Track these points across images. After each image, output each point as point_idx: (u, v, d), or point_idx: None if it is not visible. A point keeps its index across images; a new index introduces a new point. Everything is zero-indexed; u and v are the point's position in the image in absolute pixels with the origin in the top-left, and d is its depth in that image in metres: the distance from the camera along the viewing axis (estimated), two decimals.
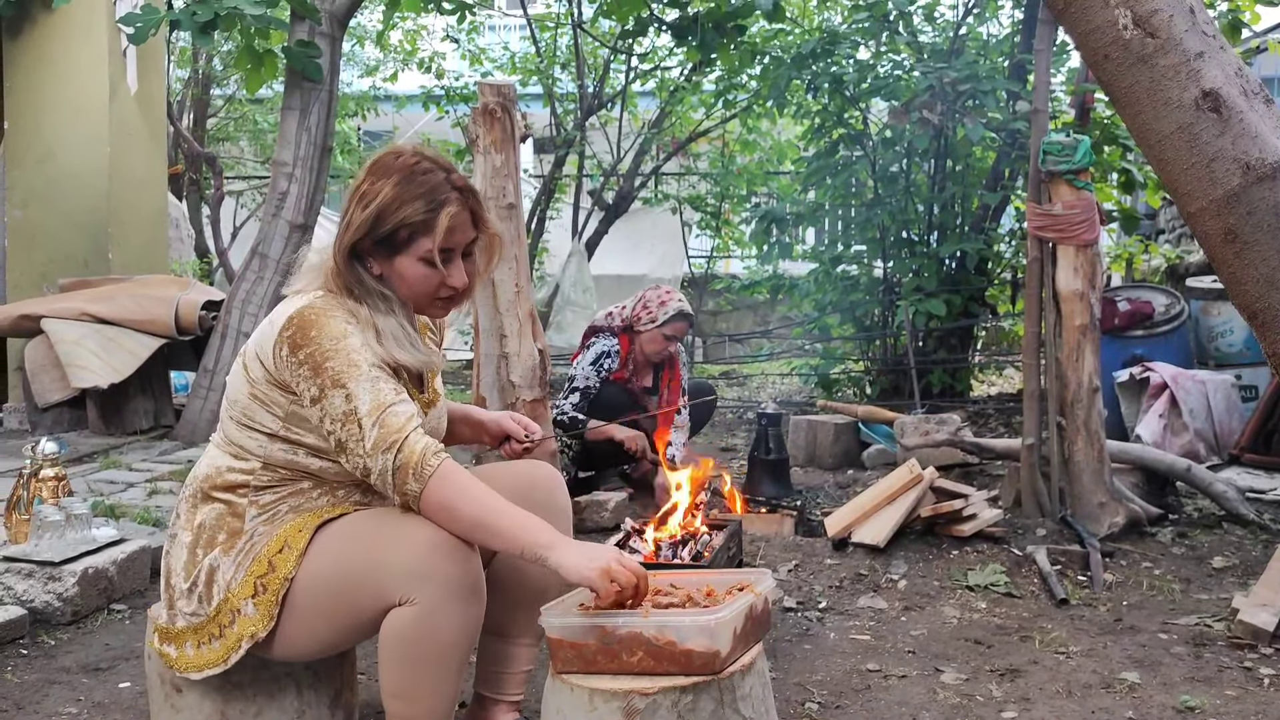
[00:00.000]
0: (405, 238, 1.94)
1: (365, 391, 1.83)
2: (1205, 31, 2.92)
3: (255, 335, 1.97)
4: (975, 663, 2.78)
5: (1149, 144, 3.00)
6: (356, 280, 1.96)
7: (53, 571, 3.02)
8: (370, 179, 1.96)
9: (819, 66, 6.34)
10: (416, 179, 1.94)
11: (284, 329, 1.89)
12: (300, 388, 1.87)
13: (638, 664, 1.84)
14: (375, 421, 1.82)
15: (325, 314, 1.89)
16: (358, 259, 1.97)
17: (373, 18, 11.25)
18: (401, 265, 1.96)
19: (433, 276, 1.97)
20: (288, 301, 1.97)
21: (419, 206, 1.92)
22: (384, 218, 1.92)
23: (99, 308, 5.58)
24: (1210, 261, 3.12)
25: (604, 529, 3.87)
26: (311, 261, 2.02)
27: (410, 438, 1.82)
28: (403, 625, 1.80)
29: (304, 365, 1.85)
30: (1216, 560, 3.59)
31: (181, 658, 1.95)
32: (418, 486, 1.81)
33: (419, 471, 1.81)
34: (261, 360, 1.92)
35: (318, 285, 1.97)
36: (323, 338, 1.86)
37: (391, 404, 1.84)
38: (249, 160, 12.81)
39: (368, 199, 1.93)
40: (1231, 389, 5.04)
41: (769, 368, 9.40)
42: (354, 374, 1.84)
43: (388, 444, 1.81)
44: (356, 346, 1.87)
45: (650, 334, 4.42)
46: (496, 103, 3.75)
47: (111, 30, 6.15)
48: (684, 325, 4.48)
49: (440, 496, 1.81)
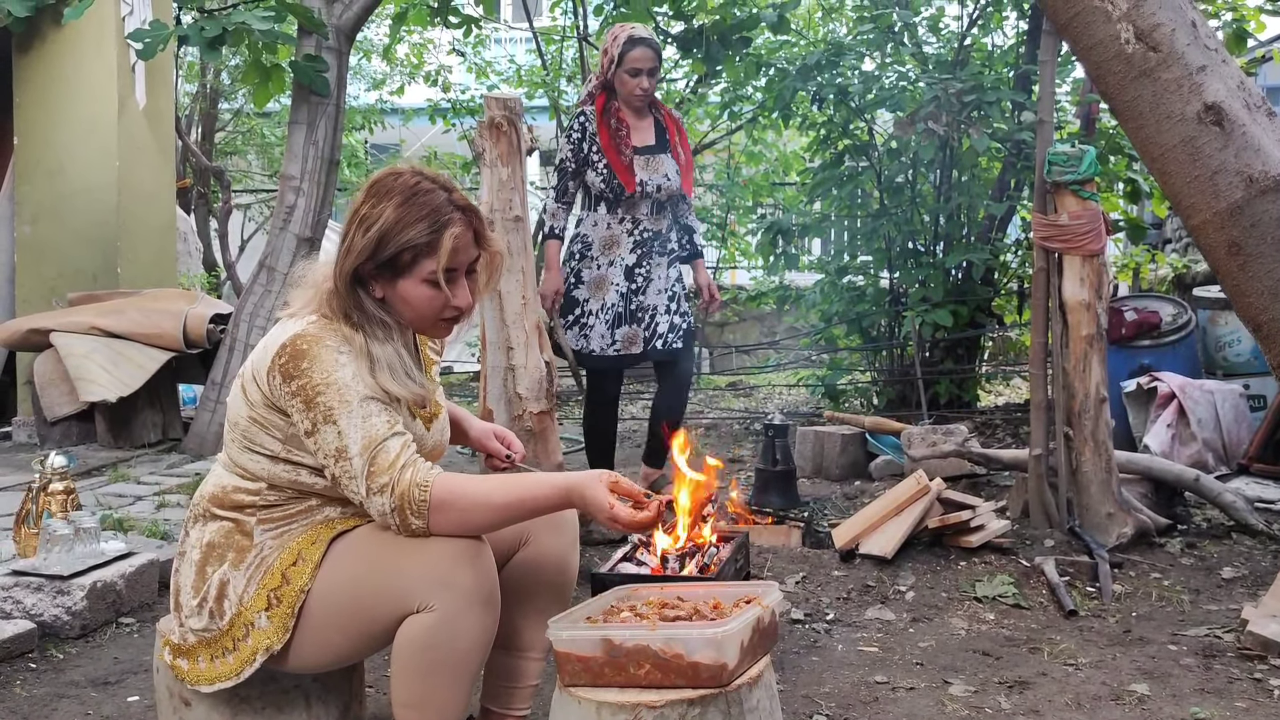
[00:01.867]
0: (409, 260, 1.92)
1: (356, 428, 1.83)
2: (1207, 45, 2.93)
3: (252, 358, 1.96)
4: (984, 674, 2.77)
5: (1152, 157, 3.00)
6: (356, 305, 1.94)
7: (61, 585, 3.03)
8: (371, 201, 1.93)
9: (824, 78, 6.36)
10: (418, 200, 1.92)
11: (277, 355, 1.88)
12: (295, 418, 1.87)
13: (645, 677, 1.85)
14: (366, 460, 1.82)
15: (318, 343, 1.88)
16: (359, 283, 1.95)
17: (379, 32, 11.31)
18: (405, 288, 1.94)
19: (437, 298, 1.95)
20: (282, 325, 1.96)
21: (422, 228, 1.90)
22: (387, 241, 1.90)
23: (108, 321, 5.61)
24: (1215, 274, 3.12)
25: (610, 540, 3.87)
26: (310, 280, 2.01)
27: (401, 475, 1.82)
28: (420, 632, 1.81)
29: (296, 397, 1.85)
30: (1226, 571, 3.58)
31: (194, 671, 1.96)
32: (421, 523, 1.82)
33: (416, 509, 1.81)
34: (258, 384, 1.91)
35: (312, 308, 1.95)
36: (314, 370, 1.85)
37: (383, 439, 1.84)
38: (256, 174, 12.86)
39: (369, 222, 1.91)
40: (1240, 399, 5.02)
41: (776, 379, 9.40)
42: (344, 410, 1.83)
43: (379, 486, 1.82)
44: (348, 380, 1.86)
45: (618, 77, 4.07)
46: (503, 116, 3.77)
47: (121, 46, 6.20)
48: (645, 51, 4.04)
49: (446, 522, 1.83)
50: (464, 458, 5.74)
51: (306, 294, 1.99)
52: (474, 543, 1.85)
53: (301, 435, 1.88)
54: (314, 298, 1.97)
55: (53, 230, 6.26)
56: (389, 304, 1.98)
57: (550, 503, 1.91)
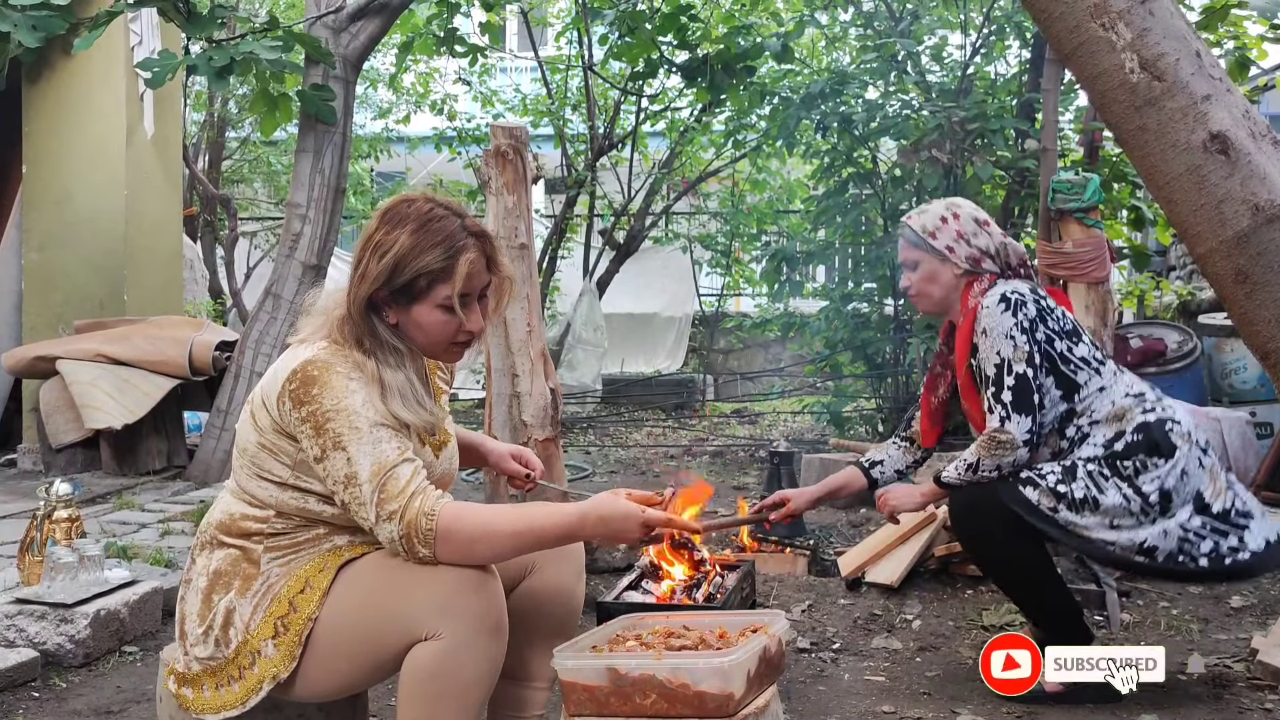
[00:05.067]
0: (424, 286, 1.93)
1: (366, 455, 1.83)
2: (1212, 74, 2.94)
3: (262, 384, 1.96)
4: (991, 704, 2.75)
5: (1157, 185, 3.01)
6: (370, 332, 1.95)
7: (65, 613, 3.02)
8: (385, 228, 1.95)
9: (828, 106, 6.40)
10: (432, 226, 1.94)
11: (288, 381, 1.88)
12: (304, 444, 1.87)
13: (651, 707, 1.84)
14: (375, 487, 1.81)
15: (328, 369, 1.88)
16: (373, 309, 1.96)
17: (386, 61, 11.39)
18: (419, 313, 1.96)
19: (450, 323, 1.97)
20: (292, 352, 1.96)
21: (437, 254, 1.92)
22: (402, 267, 1.92)
23: (113, 349, 5.62)
24: (1222, 301, 3.12)
25: (615, 569, 3.86)
26: (319, 307, 2.01)
27: (410, 503, 1.82)
28: (427, 660, 1.80)
29: (306, 423, 1.85)
30: (1235, 599, 3.56)
31: (199, 699, 1.94)
32: (427, 551, 1.81)
33: (423, 538, 1.81)
34: (268, 409, 1.92)
35: (323, 335, 1.96)
36: (324, 396, 1.85)
37: (393, 466, 1.83)
38: (263, 202, 12.92)
39: (383, 249, 1.93)
40: (1246, 426, 5.01)
41: (781, 406, 9.39)
42: (355, 437, 1.83)
43: (388, 513, 1.81)
44: (358, 406, 1.86)
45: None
46: (509, 144, 3.79)
47: (129, 75, 6.25)
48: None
49: (453, 551, 1.82)
50: (468, 485, 5.73)
51: (316, 321, 2.00)
52: (482, 571, 1.84)
53: (311, 461, 1.87)
54: (324, 324, 1.98)
55: (60, 258, 6.29)
56: (402, 330, 1.99)
57: (563, 530, 1.89)
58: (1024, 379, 2.63)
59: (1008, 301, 2.68)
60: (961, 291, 2.83)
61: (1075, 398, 2.70)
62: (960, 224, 2.82)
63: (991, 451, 2.63)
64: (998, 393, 2.65)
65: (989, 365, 2.68)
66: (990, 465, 2.64)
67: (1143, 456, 2.61)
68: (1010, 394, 2.63)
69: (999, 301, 2.69)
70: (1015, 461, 2.63)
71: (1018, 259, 2.85)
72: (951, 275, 2.82)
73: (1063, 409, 2.70)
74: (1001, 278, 2.81)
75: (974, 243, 2.81)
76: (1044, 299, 2.75)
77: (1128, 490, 2.59)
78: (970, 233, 2.81)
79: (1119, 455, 2.63)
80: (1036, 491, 2.61)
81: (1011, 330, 2.65)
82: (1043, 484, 2.62)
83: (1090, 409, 2.69)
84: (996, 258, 2.82)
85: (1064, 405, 2.70)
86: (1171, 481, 2.60)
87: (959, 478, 2.70)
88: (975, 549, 2.88)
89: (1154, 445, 2.63)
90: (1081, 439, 2.68)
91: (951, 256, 2.80)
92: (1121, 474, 2.61)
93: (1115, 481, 2.60)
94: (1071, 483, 2.61)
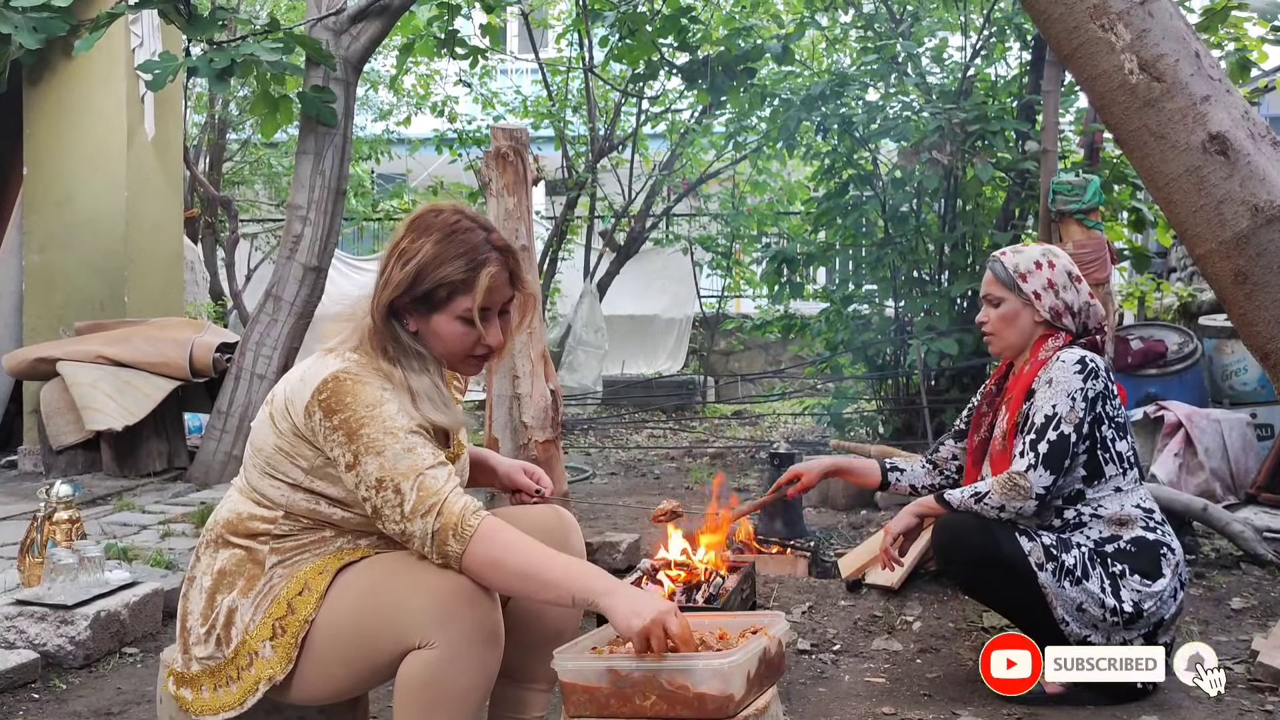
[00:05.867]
0: (445, 296, 1.95)
1: (401, 458, 1.84)
2: (1211, 75, 2.95)
3: (285, 387, 1.97)
4: (992, 706, 2.75)
5: (1157, 186, 3.01)
6: (393, 338, 1.96)
7: (65, 615, 3.02)
8: (410, 236, 1.96)
9: (828, 108, 6.39)
10: (457, 238, 1.95)
11: (318, 391, 1.88)
12: (334, 453, 1.87)
13: (651, 708, 1.83)
14: (413, 485, 1.82)
15: (359, 381, 1.89)
16: (395, 316, 1.97)
17: (386, 63, 11.40)
18: (438, 323, 1.97)
19: (469, 335, 1.97)
20: (321, 360, 1.96)
21: (459, 265, 1.93)
22: (424, 276, 1.93)
23: (114, 350, 5.62)
24: (1221, 303, 3.12)
25: (616, 570, 3.85)
26: (349, 315, 2.02)
27: (449, 500, 1.83)
28: (421, 669, 1.80)
29: (338, 430, 1.86)
30: (1235, 601, 3.56)
31: (197, 701, 1.94)
32: (459, 547, 1.81)
33: (459, 532, 1.81)
34: (291, 415, 1.92)
35: (353, 344, 1.97)
36: (357, 404, 1.86)
37: (430, 467, 1.85)
38: (264, 203, 12.93)
39: (407, 256, 1.94)
40: (1247, 427, 5.01)
41: (781, 407, 9.39)
42: (389, 441, 1.84)
43: (426, 507, 1.82)
44: (392, 413, 1.88)
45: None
46: (509, 146, 3.79)
47: (130, 77, 6.25)
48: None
49: (483, 554, 1.81)
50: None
51: (346, 329, 2.01)
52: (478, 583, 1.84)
53: (341, 469, 1.88)
54: (354, 332, 1.99)
55: (61, 259, 6.30)
56: (422, 338, 2.00)
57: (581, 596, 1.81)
58: (1065, 439, 2.61)
59: (1084, 365, 2.67)
60: (1035, 342, 2.80)
61: (1094, 484, 2.69)
62: (1054, 273, 2.78)
63: (1005, 491, 2.62)
64: (1036, 441, 2.63)
65: (1039, 414, 2.66)
66: (997, 503, 2.63)
67: (1130, 567, 2.63)
68: (1047, 446, 2.61)
69: (1077, 361, 2.67)
70: (1021, 510, 2.63)
71: (1096, 322, 2.83)
72: (1031, 321, 2.80)
73: (1077, 488, 2.69)
74: (1076, 338, 2.79)
75: (1062, 295, 2.78)
76: (1113, 383, 2.74)
77: (1109, 585, 2.61)
78: (1061, 284, 2.78)
79: (1109, 555, 2.64)
80: (1031, 544, 2.62)
81: (1075, 392, 2.64)
82: (1038, 540, 2.63)
83: (1099, 502, 2.69)
84: (1077, 316, 2.79)
85: (1080, 485, 2.70)
86: (1148, 604, 2.62)
87: (961, 502, 2.69)
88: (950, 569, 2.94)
89: (1144, 562, 2.64)
90: (1078, 525, 2.69)
91: (1037, 303, 2.78)
92: (1108, 569, 2.62)
93: (1101, 573, 2.62)
94: (1064, 552, 2.62)
